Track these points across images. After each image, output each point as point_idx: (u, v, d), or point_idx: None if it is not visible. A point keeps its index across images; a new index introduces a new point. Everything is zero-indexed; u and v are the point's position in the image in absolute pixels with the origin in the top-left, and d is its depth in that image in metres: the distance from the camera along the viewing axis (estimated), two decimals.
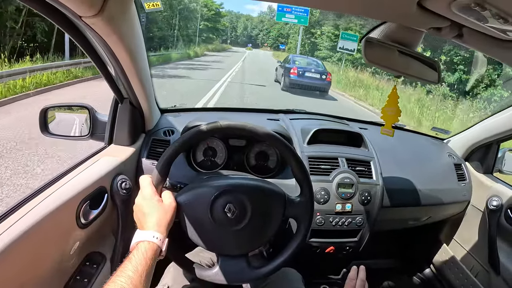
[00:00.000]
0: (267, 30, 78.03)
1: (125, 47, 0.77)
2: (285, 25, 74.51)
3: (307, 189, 0.83)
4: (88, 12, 0.59)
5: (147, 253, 0.64)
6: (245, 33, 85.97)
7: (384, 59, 0.86)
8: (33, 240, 0.70)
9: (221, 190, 0.77)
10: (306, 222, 0.83)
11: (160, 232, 0.68)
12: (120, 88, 1.02)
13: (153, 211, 0.71)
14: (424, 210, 1.43)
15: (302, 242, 0.83)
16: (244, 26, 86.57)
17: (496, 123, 1.39)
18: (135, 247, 0.66)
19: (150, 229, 0.69)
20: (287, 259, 0.83)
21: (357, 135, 1.38)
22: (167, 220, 0.71)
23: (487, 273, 1.43)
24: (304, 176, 0.83)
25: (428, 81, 0.91)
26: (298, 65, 11.35)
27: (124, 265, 0.61)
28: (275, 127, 1.23)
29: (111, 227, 1.05)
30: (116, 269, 0.61)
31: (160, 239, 0.68)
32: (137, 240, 0.67)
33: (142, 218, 0.71)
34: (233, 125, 0.78)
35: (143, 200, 0.73)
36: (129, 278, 0.58)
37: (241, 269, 0.80)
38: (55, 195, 0.80)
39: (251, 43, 75.13)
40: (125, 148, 1.13)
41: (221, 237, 0.79)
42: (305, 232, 0.83)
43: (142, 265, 0.61)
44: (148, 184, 0.75)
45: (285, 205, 0.81)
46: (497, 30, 0.54)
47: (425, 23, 0.63)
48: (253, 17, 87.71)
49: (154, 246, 0.66)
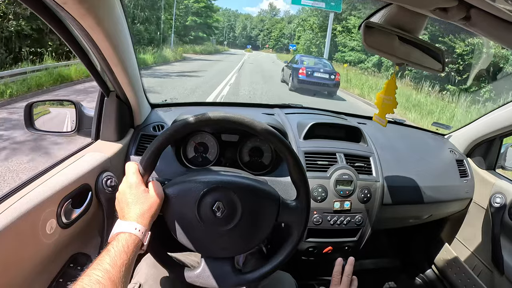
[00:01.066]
0: (268, 30, 74.35)
1: (104, 33, 0.71)
2: (288, 24, 69.42)
3: (304, 192, 0.77)
4: None
5: (128, 246, 0.59)
6: (244, 34, 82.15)
7: (385, 45, 0.81)
8: (11, 241, 0.65)
9: (210, 186, 0.71)
10: (301, 229, 0.77)
11: (142, 224, 0.63)
12: (105, 80, 0.97)
13: (137, 201, 0.66)
14: (425, 207, 1.38)
15: (294, 249, 0.78)
16: (242, 26, 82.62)
17: (499, 117, 1.34)
18: (114, 238, 0.61)
19: (132, 220, 0.64)
20: (276, 267, 0.77)
21: (355, 130, 1.33)
22: (151, 212, 0.66)
23: (490, 273, 1.38)
24: (302, 179, 0.76)
25: (432, 70, 0.86)
26: (306, 65, 11.12)
27: (101, 257, 0.56)
28: (271, 121, 1.17)
29: (96, 227, 0.99)
30: (93, 261, 0.55)
31: (142, 232, 0.63)
32: (117, 231, 0.62)
33: (125, 207, 0.66)
34: (228, 117, 0.72)
35: (128, 188, 0.68)
36: (106, 272, 0.53)
37: (225, 273, 0.75)
38: (33, 193, 0.75)
39: (251, 44, 71.66)
40: (112, 144, 1.08)
41: (207, 237, 0.73)
42: (298, 239, 0.77)
43: (121, 258, 0.56)
44: (134, 171, 0.70)
45: (279, 209, 0.75)
46: (509, 11, 0.48)
47: (431, 3, 0.58)
48: (253, 16, 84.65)
49: (135, 238, 0.61)
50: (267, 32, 74.39)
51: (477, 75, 11.12)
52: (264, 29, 75.28)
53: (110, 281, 0.52)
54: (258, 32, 77.89)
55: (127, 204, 0.66)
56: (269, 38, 73.21)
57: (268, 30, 73.60)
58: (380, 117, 1.00)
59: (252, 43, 76.33)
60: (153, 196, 0.68)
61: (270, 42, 71.81)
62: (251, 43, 73.88)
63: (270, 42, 71.81)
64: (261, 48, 73.28)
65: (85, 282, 0.51)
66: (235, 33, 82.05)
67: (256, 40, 78.38)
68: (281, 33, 70.16)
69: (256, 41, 77.98)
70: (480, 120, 1.46)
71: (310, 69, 10.72)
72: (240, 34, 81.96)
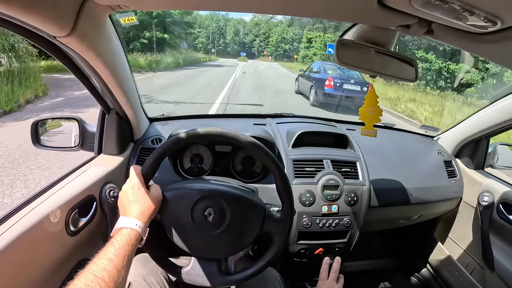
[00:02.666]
0: (264, 35, 63.97)
1: (103, 62, 0.81)
2: (288, 28, 59.46)
3: (288, 204, 0.82)
4: (61, 32, 0.62)
5: (130, 239, 0.66)
6: (237, 40, 69.21)
7: (359, 60, 0.87)
8: (23, 248, 0.73)
9: (203, 193, 0.79)
10: (283, 238, 0.83)
11: (142, 221, 0.71)
12: (105, 99, 1.06)
13: (138, 200, 0.73)
14: (414, 208, 1.43)
15: (276, 256, 0.84)
16: (234, 31, 69.55)
17: (483, 118, 1.39)
18: (117, 232, 0.68)
19: (133, 216, 0.71)
20: (259, 271, 0.83)
21: (342, 137, 1.40)
22: (150, 211, 0.73)
23: (482, 270, 1.42)
24: (285, 190, 0.82)
25: (406, 80, 0.92)
26: (334, 75, 8.83)
27: (106, 248, 0.62)
28: (260, 132, 1.24)
29: (101, 234, 1.07)
30: (98, 252, 0.62)
31: (142, 228, 0.70)
32: (120, 225, 0.69)
33: (127, 205, 0.73)
34: (214, 132, 0.79)
35: (131, 188, 0.75)
36: (111, 261, 0.59)
37: (211, 273, 0.82)
38: (44, 204, 0.84)
39: (245, 52, 59.42)
40: (114, 157, 1.17)
41: (198, 239, 0.81)
42: (280, 246, 0.83)
43: (124, 250, 0.63)
44: (138, 173, 0.77)
45: (264, 219, 0.82)
46: (467, 24, 0.52)
47: (391, 21, 0.63)
48: (246, 21, 70.42)
49: (136, 233, 0.68)
50: (263, 37, 64.25)
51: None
52: (260, 34, 64.62)
53: (115, 269, 0.58)
54: (253, 38, 66.18)
55: (129, 202, 0.74)
56: (267, 44, 63.56)
57: (265, 35, 63.64)
58: (368, 130, 1.04)
59: (247, 50, 64.30)
60: (153, 197, 0.76)
61: (268, 48, 62.30)
62: (245, 51, 61.72)
63: (268, 48, 62.30)
64: (257, 56, 62.92)
65: (93, 269, 0.57)
66: (225, 39, 69.50)
67: (252, 46, 66.37)
68: (281, 37, 61.40)
69: (252, 48, 66.11)
70: (466, 121, 1.51)
71: (339, 80, 8.44)
72: (232, 40, 69.38)
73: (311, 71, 10.16)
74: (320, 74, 9.25)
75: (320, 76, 9.13)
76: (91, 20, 0.68)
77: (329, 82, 8.45)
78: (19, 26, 0.59)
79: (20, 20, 0.55)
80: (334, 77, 8.54)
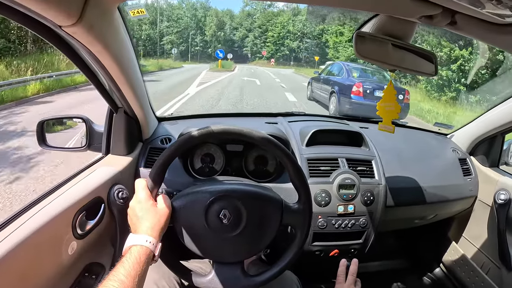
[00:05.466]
0: (260, 29, 42.63)
1: (110, 55, 0.77)
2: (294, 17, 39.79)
3: (304, 195, 0.80)
4: (67, 21, 0.58)
5: (140, 257, 0.63)
6: (221, 36, 44.41)
7: (377, 53, 0.84)
8: (30, 251, 0.70)
9: (216, 195, 0.75)
10: (304, 229, 0.81)
11: (153, 237, 0.68)
12: (113, 97, 1.02)
13: (146, 215, 0.71)
14: (430, 208, 1.39)
15: (300, 250, 0.81)
16: (217, 24, 44.26)
17: (498, 114, 1.36)
18: (127, 251, 0.65)
19: (143, 233, 0.68)
20: (284, 268, 0.80)
21: (357, 134, 1.36)
22: (160, 225, 0.70)
23: (498, 270, 1.39)
24: (301, 181, 0.80)
25: (425, 74, 0.89)
26: (360, 79, 7.15)
27: (116, 269, 0.60)
28: (273, 131, 1.21)
29: (109, 237, 1.04)
30: (108, 273, 0.59)
31: (153, 244, 0.67)
32: (130, 244, 0.67)
33: (136, 222, 0.71)
34: (228, 129, 0.77)
35: (137, 203, 0.73)
36: (121, 282, 0.57)
37: (235, 277, 0.79)
38: (50, 206, 0.80)
39: (233, 53, 38.96)
40: (122, 157, 1.13)
41: (216, 244, 0.77)
42: (303, 240, 0.81)
43: (135, 269, 0.60)
44: (143, 187, 0.74)
45: (282, 212, 0.79)
46: (492, 14, 0.52)
47: (416, 12, 0.61)
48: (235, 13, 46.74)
49: (147, 250, 0.65)
50: (260, 32, 42.74)
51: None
52: (254, 28, 43.12)
53: None
54: (245, 33, 43.82)
55: (138, 218, 0.71)
56: (265, 41, 42.25)
57: (261, 28, 42.53)
58: (386, 125, 1.03)
59: (235, 51, 42.57)
60: (162, 210, 0.73)
61: (268, 47, 41.65)
62: (233, 52, 40.65)
63: (268, 47, 41.65)
64: (251, 59, 42.42)
65: None
66: (204, 35, 44.35)
67: (243, 45, 43.95)
68: (285, 31, 40.80)
69: (242, 48, 43.86)
70: (481, 118, 1.47)
71: (369, 86, 6.72)
72: (214, 36, 44.03)
73: (329, 74, 8.44)
74: (343, 78, 7.53)
75: (343, 80, 7.39)
76: (99, 9, 0.64)
77: (357, 89, 6.66)
78: (22, 14, 0.55)
79: (24, 7, 0.52)
80: (363, 83, 6.79)
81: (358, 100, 6.53)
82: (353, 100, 6.61)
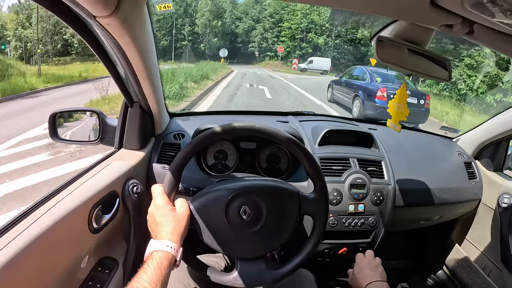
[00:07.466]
0: (272, 19, 31.24)
1: (137, 48, 0.77)
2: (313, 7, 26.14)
3: (320, 185, 0.82)
4: (102, 11, 0.59)
5: (162, 263, 0.63)
6: (218, 28, 32.12)
7: (395, 57, 0.86)
8: (46, 245, 0.70)
9: (235, 193, 0.76)
10: (323, 218, 0.83)
11: (174, 241, 0.68)
12: (130, 91, 1.02)
13: (166, 220, 0.71)
14: (436, 209, 1.42)
15: (320, 240, 0.83)
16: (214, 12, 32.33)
17: (504, 120, 1.39)
18: (149, 257, 0.65)
19: (164, 238, 0.68)
20: (305, 258, 0.82)
21: (367, 135, 1.38)
22: (180, 229, 0.71)
23: (500, 272, 1.41)
24: (316, 172, 0.82)
25: (439, 79, 0.91)
26: (383, 84, 7.43)
27: (138, 275, 0.60)
28: (286, 129, 1.22)
29: (123, 232, 1.04)
30: (131, 279, 0.60)
31: (175, 248, 0.67)
32: (151, 249, 0.67)
33: (156, 227, 0.71)
34: (249, 127, 0.79)
35: (156, 209, 0.73)
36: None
37: (259, 271, 0.80)
38: (67, 200, 0.80)
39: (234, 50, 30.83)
40: (135, 152, 1.13)
41: (238, 240, 0.78)
42: (322, 229, 0.83)
43: (157, 275, 0.60)
44: (161, 193, 0.75)
45: (300, 202, 0.81)
46: (509, 26, 0.54)
47: (437, 21, 0.63)
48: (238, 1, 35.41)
49: (168, 255, 0.65)
50: (271, 23, 31.17)
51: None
52: (264, 18, 31.67)
53: None
54: (251, 24, 32.45)
55: (157, 224, 0.71)
56: (277, 36, 30.65)
57: (272, 18, 31.00)
58: (394, 123, 1.05)
59: (237, 48, 32.63)
60: (181, 213, 0.73)
61: (285, 43, 29.81)
62: (236, 49, 31.90)
63: (285, 43, 29.81)
64: (259, 59, 31.87)
65: None
66: (194, 27, 32.37)
67: (247, 41, 33.04)
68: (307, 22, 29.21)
69: (247, 44, 33.00)
70: (487, 123, 1.50)
71: (392, 91, 6.72)
72: (210, 28, 31.93)
73: (351, 77, 8.54)
74: (366, 82, 7.76)
75: (367, 84, 7.65)
76: (133, 2, 0.65)
77: (382, 93, 6.82)
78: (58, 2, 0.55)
79: None
80: (387, 87, 6.99)
81: (383, 105, 6.68)
82: (377, 104, 6.83)
